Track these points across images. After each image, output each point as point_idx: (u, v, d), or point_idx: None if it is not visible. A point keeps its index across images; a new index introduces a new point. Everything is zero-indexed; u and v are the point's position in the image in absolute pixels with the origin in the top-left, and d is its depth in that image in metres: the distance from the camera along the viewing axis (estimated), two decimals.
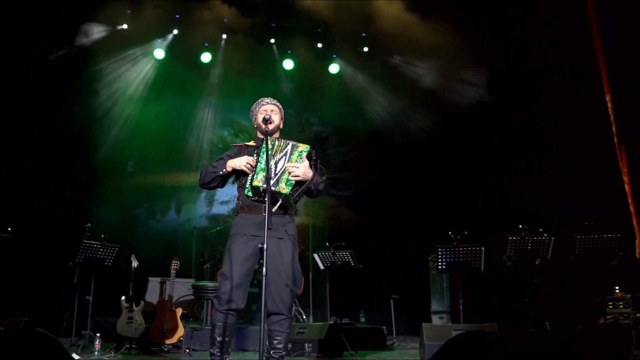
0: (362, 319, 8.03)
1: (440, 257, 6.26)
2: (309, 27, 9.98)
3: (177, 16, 9.52)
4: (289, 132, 10.89)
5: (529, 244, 6.29)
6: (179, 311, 6.45)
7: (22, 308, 6.45)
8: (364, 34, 10.13)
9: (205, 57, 10.02)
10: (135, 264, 6.64)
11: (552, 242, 6.29)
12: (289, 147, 3.93)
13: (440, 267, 6.30)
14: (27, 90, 8.08)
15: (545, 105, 8.32)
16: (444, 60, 9.38)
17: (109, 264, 6.62)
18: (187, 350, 6.32)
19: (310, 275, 8.23)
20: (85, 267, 6.51)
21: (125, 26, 9.35)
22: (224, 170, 4.02)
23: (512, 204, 7.90)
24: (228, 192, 10.61)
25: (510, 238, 6.31)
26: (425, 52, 9.47)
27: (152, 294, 7.33)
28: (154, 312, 6.44)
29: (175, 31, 9.67)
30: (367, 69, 10.41)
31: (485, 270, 6.28)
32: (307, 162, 3.88)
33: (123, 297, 6.46)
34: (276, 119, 4.21)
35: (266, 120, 3.97)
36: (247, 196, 3.95)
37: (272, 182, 3.81)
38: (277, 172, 3.86)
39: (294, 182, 3.83)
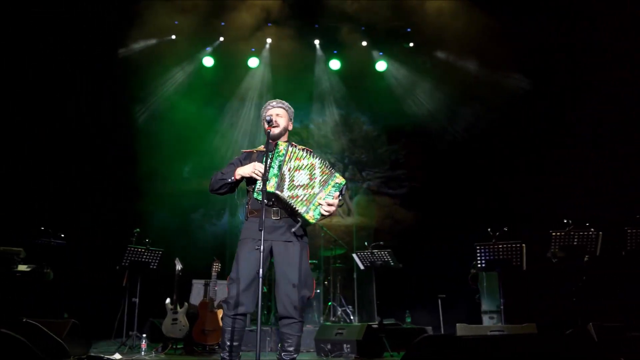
0: (408, 319, 7.90)
1: (479, 255, 6.06)
2: (353, 26, 9.92)
3: (223, 23, 9.71)
4: (340, 132, 10.95)
5: (575, 240, 5.96)
6: (220, 312, 6.59)
7: (76, 310, 6.80)
8: (408, 29, 9.96)
9: (253, 62, 10.19)
10: (179, 266, 6.85)
11: (601, 237, 5.94)
12: (316, 162, 3.90)
13: (480, 265, 6.10)
14: (76, 98, 8.53)
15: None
16: (490, 53, 9.09)
17: (154, 267, 6.88)
18: None
19: (355, 276, 8.17)
20: (132, 270, 6.80)
21: (174, 37, 9.66)
22: (232, 178, 4.05)
23: (559, 200, 7.58)
24: None
25: (553, 234, 6.02)
26: (471, 45, 9.22)
27: (196, 296, 7.53)
28: (197, 314, 6.62)
29: (222, 38, 9.88)
30: (414, 65, 10.24)
31: (530, 267, 6.02)
32: (337, 201, 3.92)
33: (168, 300, 6.70)
34: (282, 121, 4.20)
35: (269, 123, 4.00)
36: (257, 200, 3.97)
37: (284, 187, 3.82)
38: (294, 183, 3.85)
39: (321, 214, 3.86)
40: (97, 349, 6.55)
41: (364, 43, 10.05)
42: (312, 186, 3.86)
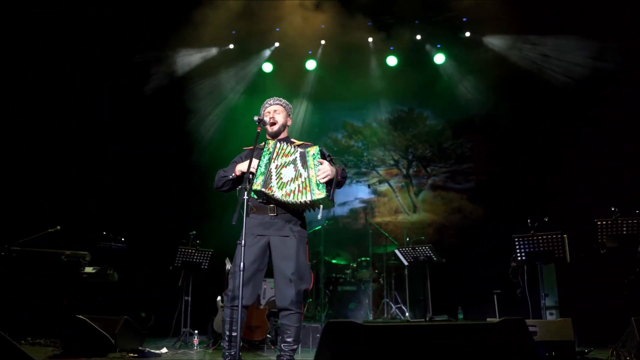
0: (460, 316, 7.68)
1: (517, 247, 5.81)
2: (407, 21, 9.83)
3: (277, 29, 9.95)
4: (403, 128, 10.85)
5: (624, 228, 5.54)
6: (266, 309, 6.79)
7: (138, 309, 7.29)
8: (464, 19, 9.70)
9: (310, 65, 10.37)
10: (228, 266, 7.11)
11: None
12: (297, 155, 3.99)
13: (519, 258, 5.84)
14: (134, 108, 9.11)
15: None
16: (551, 38, 8.69)
17: (205, 266, 7.23)
18: (273, 347, 6.64)
19: (406, 272, 8.06)
20: (185, 270, 7.18)
21: (231, 46, 10.07)
22: (233, 175, 4.22)
23: None
24: (348, 193, 10.84)
25: (599, 223, 5.63)
26: (530, 30, 8.86)
27: None
28: None
29: (277, 44, 10.15)
30: (472, 55, 9.95)
31: (576, 259, 5.69)
32: (325, 161, 3.94)
33: (219, 297, 7.00)
34: (280, 118, 4.33)
35: (259, 122, 4.12)
36: (254, 198, 4.12)
37: (272, 185, 3.93)
38: (282, 180, 3.94)
39: (324, 183, 3.89)
40: (155, 345, 6.97)
41: (419, 37, 9.92)
42: (299, 175, 3.92)
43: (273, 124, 4.27)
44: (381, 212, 10.64)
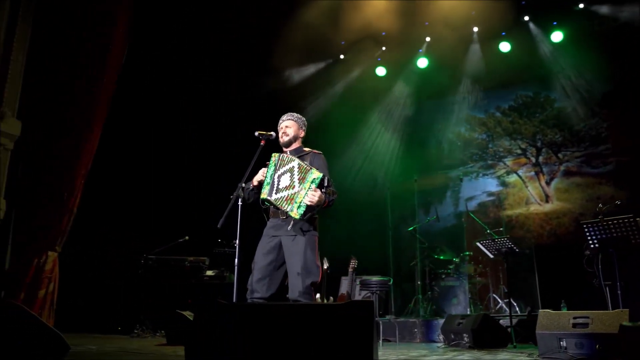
0: (564, 309, 7.12)
1: (588, 234, 5.38)
2: (513, 2, 9.39)
3: (384, 33, 10.17)
4: (529, 114, 10.29)
5: None
6: None
7: None
8: None
9: (422, 63, 10.40)
10: (326, 265, 7.59)
11: None
12: (295, 164, 4.35)
13: (592, 245, 5.40)
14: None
15: None
16: None
17: None
18: None
19: (506, 266, 7.69)
20: None
21: (342, 56, 10.56)
22: (251, 185, 4.71)
23: None
24: (476, 187, 10.64)
25: None
26: None
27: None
28: None
29: (384, 48, 10.38)
30: (592, 27, 9.14)
31: None
32: (319, 192, 4.22)
33: (317, 295, 7.50)
34: (291, 132, 4.69)
35: (260, 136, 4.56)
36: (267, 205, 4.59)
37: (274, 195, 4.36)
38: (279, 187, 4.35)
39: (305, 208, 4.23)
40: None
41: (526, 17, 9.41)
42: (292, 186, 4.28)
43: (284, 136, 4.67)
44: (511, 204, 10.21)
